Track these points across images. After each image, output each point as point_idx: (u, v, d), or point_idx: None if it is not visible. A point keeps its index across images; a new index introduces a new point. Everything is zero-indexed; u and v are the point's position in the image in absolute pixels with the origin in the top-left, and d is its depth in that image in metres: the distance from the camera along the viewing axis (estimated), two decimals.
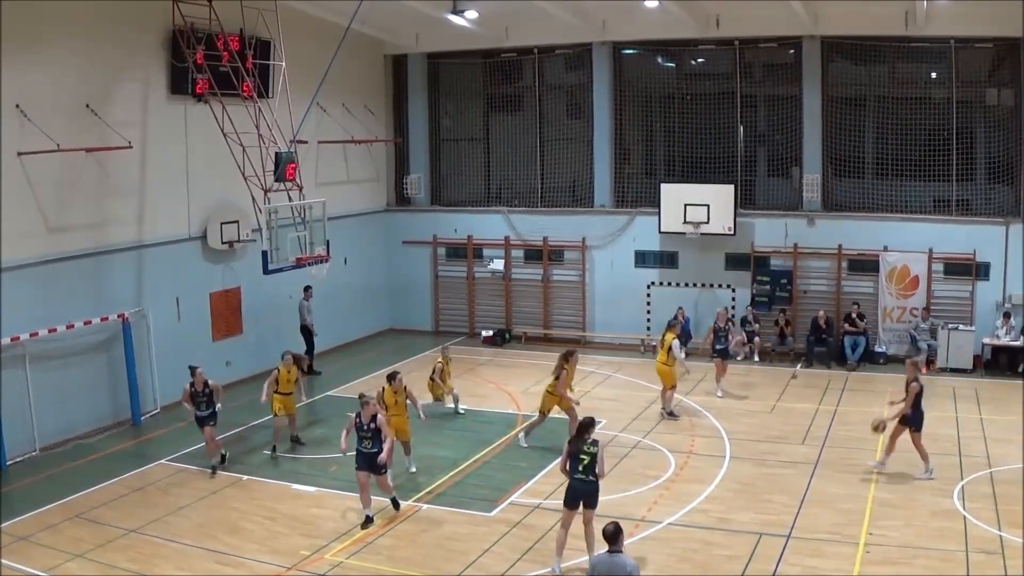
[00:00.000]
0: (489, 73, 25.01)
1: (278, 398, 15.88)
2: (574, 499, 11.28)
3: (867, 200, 21.83)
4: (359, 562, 11.77)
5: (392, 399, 14.66)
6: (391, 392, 14.70)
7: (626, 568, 8.62)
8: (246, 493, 14.19)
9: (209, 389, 15.00)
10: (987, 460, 14.82)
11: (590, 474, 11.21)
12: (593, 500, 11.32)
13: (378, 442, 12.76)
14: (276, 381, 15.91)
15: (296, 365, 16.25)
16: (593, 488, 11.28)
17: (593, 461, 11.22)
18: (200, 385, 14.94)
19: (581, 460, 11.24)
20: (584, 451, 11.26)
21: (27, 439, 15.76)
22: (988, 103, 21.28)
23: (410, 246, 25.62)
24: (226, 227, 19.58)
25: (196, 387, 14.93)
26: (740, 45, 22.32)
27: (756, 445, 15.87)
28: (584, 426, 11.52)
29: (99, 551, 12.04)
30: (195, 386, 14.93)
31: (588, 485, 11.24)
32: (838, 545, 11.86)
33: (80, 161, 16.44)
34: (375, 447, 12.74)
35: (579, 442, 11.34)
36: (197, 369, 15.06)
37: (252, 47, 18.50)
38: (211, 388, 15.03)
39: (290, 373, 16.00)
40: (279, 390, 15.90)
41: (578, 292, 24.16)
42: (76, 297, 16.63)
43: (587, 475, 11.22)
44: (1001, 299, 20.57)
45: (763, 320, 22.13)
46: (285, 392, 15.93)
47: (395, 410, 14.59)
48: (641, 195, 23.64)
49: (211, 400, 15.01)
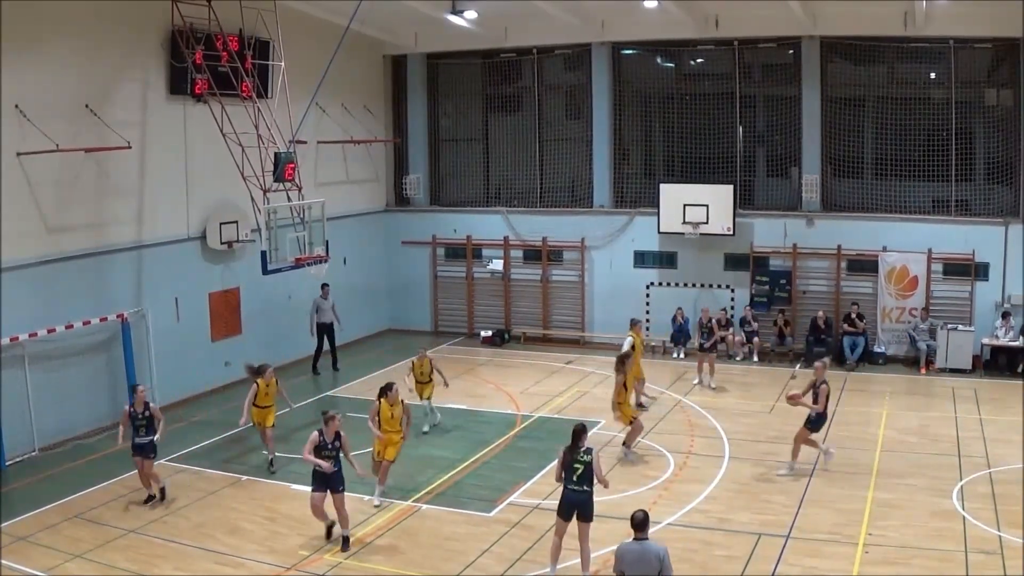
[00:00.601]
0: (488, 73, 25.01)
1: (256, 411, 15.11)
2: (568, 510, 11.02)
3: (866, 200, 21.84)
4: (358, 562, 11.77)
5: (388, 413, 13.73)
6: (387, 406, 13.77)
7: (657, 553, 8.64)
8: (245, 493, 14.19)
9: (149, 412, 13.43)
10: (986, 460, 14.83)
11: (584, 484, 10.94)
12: (587, 512, 11.03)
13: (340, 462, 12.14)
14: (255, 395, 15.06)
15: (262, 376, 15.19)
16: (587, 498, 10.99)
17: (588, 470, 10.95)
18: (140, 407, 13.42)
19: (575, 469, 10.95)
20: (578, 460, 10.97)
21: (26, 439, 15.75)
22: (987, 103, 21.29)
23: (409, 246, 25.63)
24: (225, 227, 19.58)
25: (136, 408, 13.41)
26: (739, 45, 22.33)
27: (755, 445, 15.87)
28: (577, 433, 11.18)
29: (98, 551, 12.04)
30: (135, 407, 13.42)
31: (581, 495, 10.96)
32: (837, 545, 11.86)
33: (79, 161, 16.43)
34: (337, 466, 12.10)
35: (573, 451, 11.05)
36: (139, 387, 13.84)
37: (251, 47, 18.52)
38: (151, 412, 13.45)
39: (269, 387, 15.18)
40: (257, 403, 15.11)
41: (577, 292, 24.17)
42: (75, 297, 16.62)
43: (581, 485, 10.95)
44: (1000, 299, 20.58)
45: (762, 320, 22.14)
46: (262, 405, 15.14)
47: (390, 425, 13.76)
48: (640, 195, 23.65)
49: (151, 425, 13.41)
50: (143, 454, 13.43)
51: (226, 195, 19.15)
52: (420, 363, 16.99)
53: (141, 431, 13.38)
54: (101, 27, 16.88)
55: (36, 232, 15.98)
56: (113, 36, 17.15)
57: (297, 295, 21.33)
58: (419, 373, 16.96)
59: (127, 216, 17.84)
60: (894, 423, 16.99)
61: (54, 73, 16.00)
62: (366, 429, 14.01)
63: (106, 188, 17.29)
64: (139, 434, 13.37)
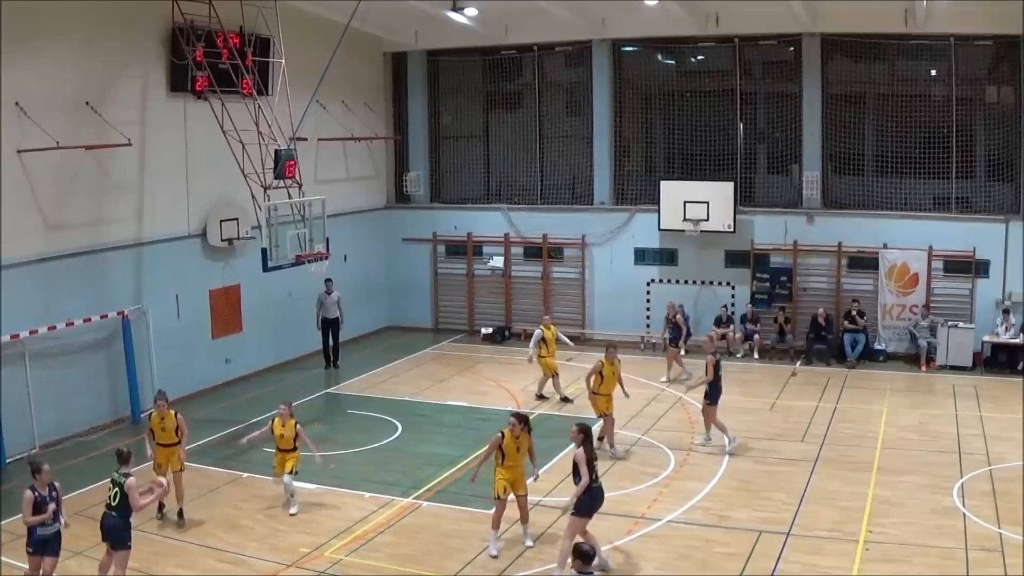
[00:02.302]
0: (489, 70, 24.98)
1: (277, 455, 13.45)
2: (594, 506, 10.93)
3: (867, 197, 21.83)
4: (359, 559, 11.77)
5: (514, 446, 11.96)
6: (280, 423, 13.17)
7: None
8: (246, 491, 14.20)
9: (56, 493, 10.45)
10: (987, 458, 14.82)
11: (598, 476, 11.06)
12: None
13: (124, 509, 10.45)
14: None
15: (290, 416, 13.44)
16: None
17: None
18: (44, 488, 10.30)
19: (596, 466, 11.00)
20: (596, 456, 11.10)
21: (27, 437, 15.75)
22: (988, 100, 21.26)
23: (410, 243, 25.62)
24: (226, 224, 19.56)
25: (39, 490, 10.27)
26: (740, 42, 22.30)
27: (756, 442, 15.86)
28: (589, 431, 11.19)
29: (99, 549, 11.94)
30: (38, 489, 10.26)
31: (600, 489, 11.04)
32: (838, 543, 11.86)
33: (79, 158, 16.41)
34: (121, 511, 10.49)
35: (591, 447, 11.07)
36: (44, 466, 10.43)
37: (252, 44, 18.50)
38: (57, 491, 10.50)
39: (285, 427, 13.31)
40: (279, 447, 13.40)
41: (578, 289, 24.16)
42: (76, 295, 16.62)
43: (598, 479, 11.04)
44: (1001, 296, 20.57)
45: (763, 317, 22.13)
46: (285, 449, 13.36)
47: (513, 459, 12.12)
48: (641, 192, 23.63)
49: (59, 510, 10.48)
50: (48, 552, 10.43)
51: (226, 192, 19.14)
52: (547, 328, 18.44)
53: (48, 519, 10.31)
54: (101, 24, 16.85)
55: (36, 229, 15.97)
56: (113, 33, 17.13)
57: (297, 292, 21.33)
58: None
59: (127, 213, 17.83)
60: (894, 420, 16.99)
61: (54, 70, 15.99)
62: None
63: (106, 185, 17.28)
64: (45, 525, 10.29)
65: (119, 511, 10.50)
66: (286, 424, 13.32)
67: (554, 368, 18.59)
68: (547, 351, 18.50)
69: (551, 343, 18.55)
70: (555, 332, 18.77)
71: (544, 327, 18.70)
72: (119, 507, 10.48)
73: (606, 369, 15.23)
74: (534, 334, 18.70)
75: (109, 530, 10.58)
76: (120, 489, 10.45)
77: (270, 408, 18.27)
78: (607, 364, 15.25)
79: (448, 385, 19.78)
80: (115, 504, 10.50)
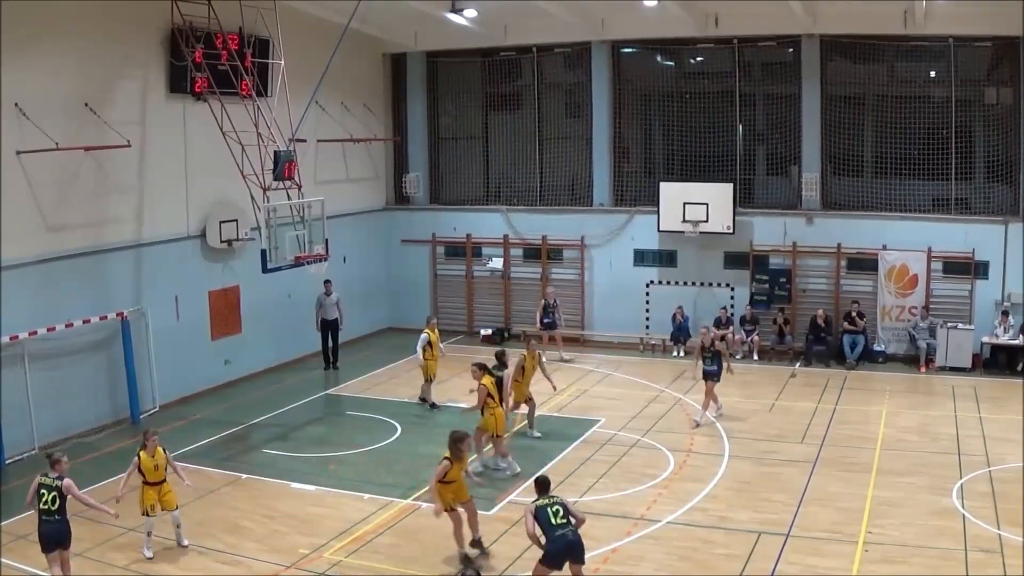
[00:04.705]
0: (488, 72, 24.99)
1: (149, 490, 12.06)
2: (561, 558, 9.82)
3: (866, 199, 21.83)
4: (358, 561, 11.76)
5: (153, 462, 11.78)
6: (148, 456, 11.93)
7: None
8: (245, 492, 14.19)
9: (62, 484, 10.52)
10: (986, 459, 14.81)
11: (568, 519, 9.91)
12: (582, 551, 9.94)
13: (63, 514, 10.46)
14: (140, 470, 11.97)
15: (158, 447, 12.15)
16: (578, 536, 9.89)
17: (564, 509, 9.98)
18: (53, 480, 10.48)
19: (555, 514, 9.86)
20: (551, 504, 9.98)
21: (26, 438, 15.72)
22: (987, 102, 21.26)
23: (409, 245, 25.62)
24: (225, 226, 19.56)
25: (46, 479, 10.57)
26: (739, 44, 22.31)
27: (755, 444, 15.86)
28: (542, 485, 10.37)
29: (98, 550, 12.05)
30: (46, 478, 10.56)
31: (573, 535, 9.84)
32: (837, 544, 11.86)
33: (79, 160, 16.42)
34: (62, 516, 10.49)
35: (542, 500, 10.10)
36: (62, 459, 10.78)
37: (251, 46, 18.51)
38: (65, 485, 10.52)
39: (156, 457, 12.07)
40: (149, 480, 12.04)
41: (577, 291, 24.15)
42: (75, 296, 16.61)
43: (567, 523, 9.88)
44: (1000, 298, 20.57)
45: (762, 319, 22.13)
46: (158, 481, 12.07)
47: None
48: (640, 194, 23.64)
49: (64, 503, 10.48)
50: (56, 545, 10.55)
51: (226, 193, 19.13)
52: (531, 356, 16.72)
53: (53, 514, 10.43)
54: (101, 25, 16.84)
55: (36, 230, 15.95)
56: (113, 34, 17.12)
57: (297, 293, 21.31)
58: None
59: (127, 214, 17.82)
60: (894, 421, 16.99)
61: (54, 71, 15.98)
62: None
63: (106, 186, 17.27)
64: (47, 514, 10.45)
65: (62, 514, 10.52)
66: (155, 454, 12.03)
67: (434, 372, 18.50)
68: (431, 354, 18.36)
69: (435, 346, 18.49)
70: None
71: (430, 330, 18.54)
72: (60, 509, 10.51)
73: (527, 362, 16.30)
74: (420, 337, 18.40)
75: (59, 535, 10.54)
76: (57, 492, 10.47)
77: (269, 409, 18.39)
78: (528, 358, 16.39)
79: (448, 386, 19.76)
80: (55, 508, 10.49)
